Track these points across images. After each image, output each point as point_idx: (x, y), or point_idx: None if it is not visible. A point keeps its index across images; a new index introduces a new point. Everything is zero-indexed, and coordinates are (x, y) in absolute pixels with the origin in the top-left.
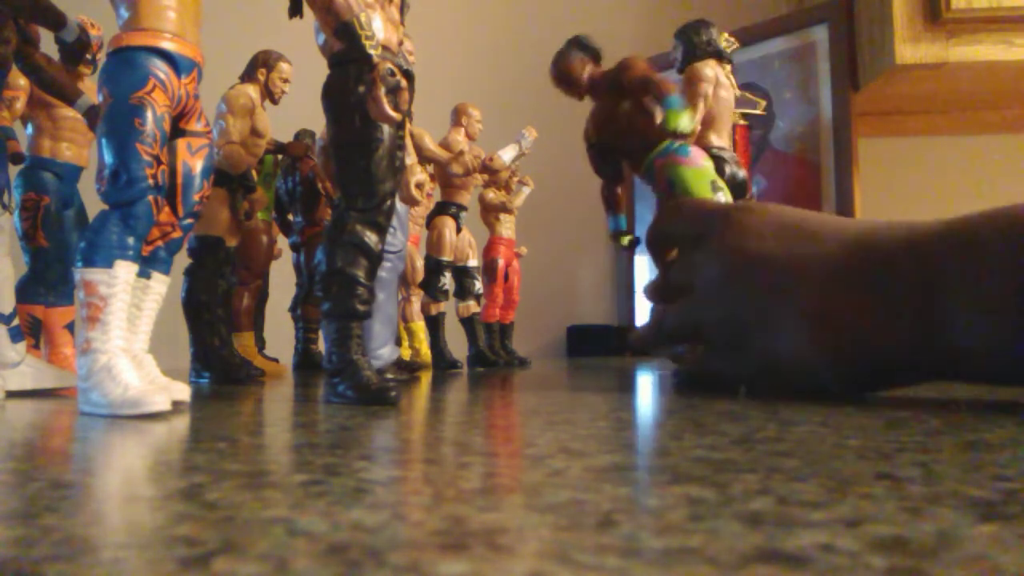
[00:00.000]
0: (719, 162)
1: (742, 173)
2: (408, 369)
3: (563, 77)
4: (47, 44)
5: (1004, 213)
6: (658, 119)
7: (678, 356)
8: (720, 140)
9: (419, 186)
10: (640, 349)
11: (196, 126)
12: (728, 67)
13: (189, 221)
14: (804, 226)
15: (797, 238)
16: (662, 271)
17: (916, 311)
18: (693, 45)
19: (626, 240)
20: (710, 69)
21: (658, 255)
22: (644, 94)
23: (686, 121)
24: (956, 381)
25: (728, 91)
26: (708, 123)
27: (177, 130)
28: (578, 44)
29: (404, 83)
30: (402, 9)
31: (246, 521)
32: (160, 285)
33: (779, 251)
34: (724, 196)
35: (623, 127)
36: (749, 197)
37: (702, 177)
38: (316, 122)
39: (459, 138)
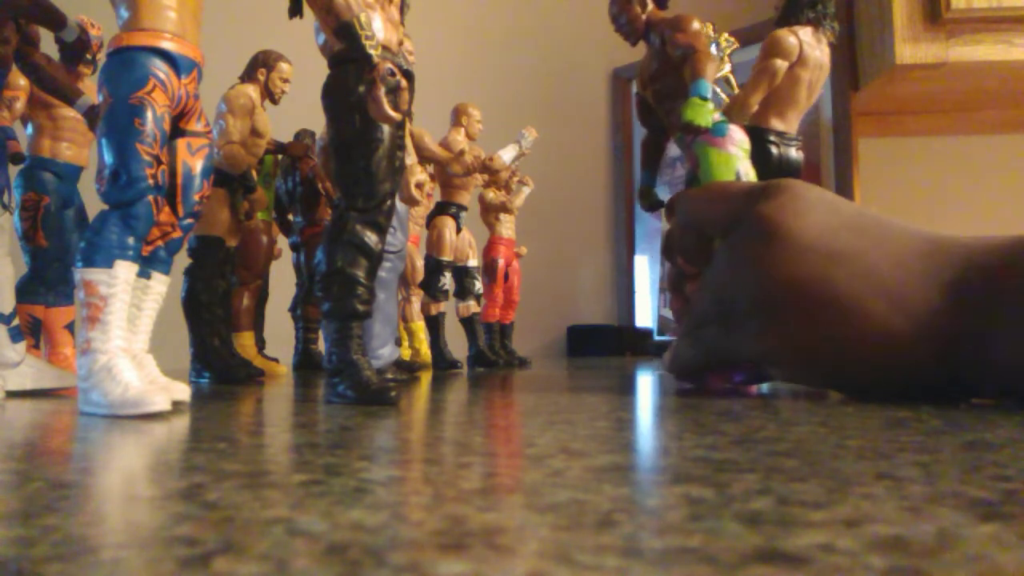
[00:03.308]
0: (765, 147)
1: (796, 155)
2: (408, 369)
3: (618, 16)
4: (47, 44)
5: None
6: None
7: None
8: (782, 123)
9: (419, 186)
10: (682, 373)
11: (196, 126)
12: (830, 35)
13: (189, 221)
14: (862, 213)
15: (860, 220)
16: (679, 267)
17: (977, 324)
18: (795, 2)
19: (648, 201)
20: (794, 39)
21: (686, 250)
22: (683, 64)
23: (704, 117)
24: (993, 398)
25: (811, 69)
26: (771, 103)
27: (177, 130)
28: None
29: (404, 83)
30: (402, 9)
31: (246, 521)
32: (160, 285)
33: (842, 229)
34: None
35: (666, 86)
36: None
37: (728, 164)
38: (316, 122)
39: (459, 138)
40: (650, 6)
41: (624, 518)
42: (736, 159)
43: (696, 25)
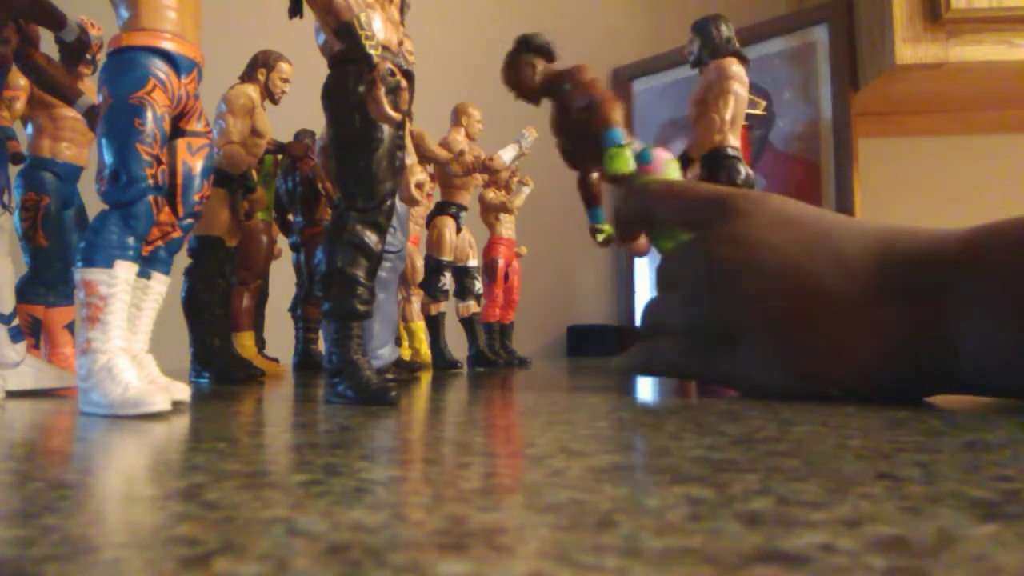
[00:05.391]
0: (736, 165)
1: (751, 172)
2: (408, 369)
3: (515, 86)
4: (47, 44)
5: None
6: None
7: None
8: (736, 140)
9: (419, 186)
10: (629, 372)
11: (196, 126)
12: (746, 67)
13: (189, 221)
14: (818, 223)
15: (808, 231)
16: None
17: (934, 324)
18: (713, 40)
19: (602, 236)
20: (737, 66)
21: (627, 232)
22: (591, 118)
23: (626, 164)
24: (961, 394)
25: (746, 91)
26: (729, 124)
27: (177, 130)
28: (526, 45)
29: (404, 83)
30: (402, 9)
31: (246, 521)
32: (160, 285)
33: (787, 245)
34: None
35: (579, 133)
36: None
37: None
38: (316, 122)
39: (459, 138)
40: (540, 65)
41: (624, 518)
42: (668, 177)
43: (591, 74)
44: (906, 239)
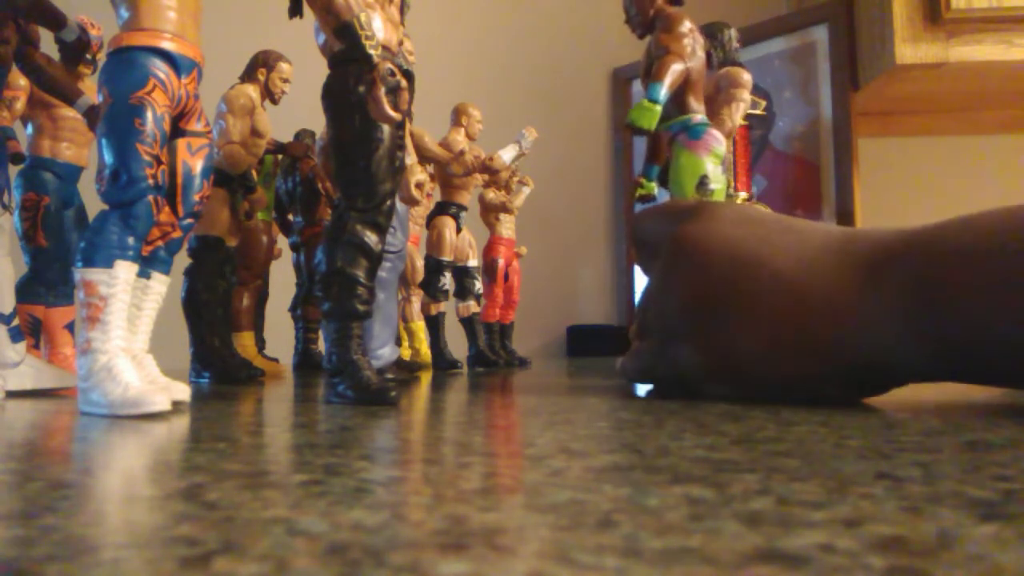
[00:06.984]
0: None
1: None
2: (408, 369)
3: (629, 7)
4: (47, 44)
5: (988, 217)
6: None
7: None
8: None
9: (419, 186)
10: (630, 380)
11: (196, 126)
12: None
13: (189, 221)
14: (780, 220)
15: (770, 229)
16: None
17: (903, 309)
18: (724, 47)
19: (639, 192)
20: (748, 76)
21: (640, 263)
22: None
23: (647, 120)
24: (937, 382)
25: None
26: (725, 129)
27: (177, 130)
28: None
29: (404, 83)
30: (402, 9)
31: (246, 521)
32: (160, 285)
33: (747, 239)
34: (713, 195)
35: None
36: (748, 197)
37: (694, 169)
38: (316, 122)
39: (459, 138)
40: (660, 1)
41: (624, 518)
42: (703, 164)
43: (684, 27)
44: (863, 235)
